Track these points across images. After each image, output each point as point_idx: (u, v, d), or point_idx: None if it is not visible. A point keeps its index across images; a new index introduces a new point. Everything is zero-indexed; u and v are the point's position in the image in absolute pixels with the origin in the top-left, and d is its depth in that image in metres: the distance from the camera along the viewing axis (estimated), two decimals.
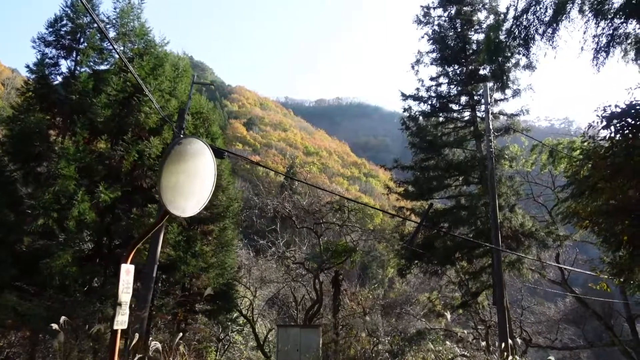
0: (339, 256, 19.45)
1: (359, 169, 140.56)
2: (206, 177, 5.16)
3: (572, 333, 30.95)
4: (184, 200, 4.79)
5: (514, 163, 22.00)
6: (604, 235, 10.32)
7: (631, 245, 9.61)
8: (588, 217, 9.53)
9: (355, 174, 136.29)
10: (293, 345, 16.78)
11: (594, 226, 9.69)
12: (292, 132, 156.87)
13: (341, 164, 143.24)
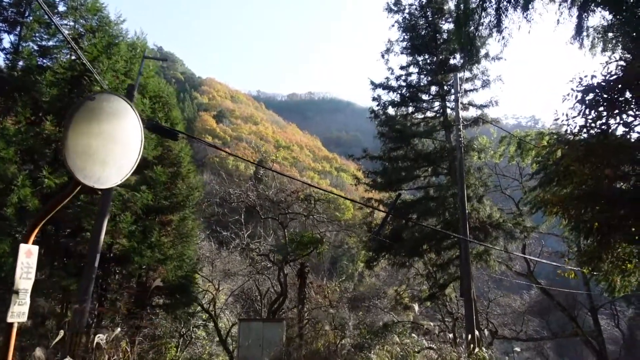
0: (305, 248, 18.79)
1: (330, 164, 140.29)
2: (130, 144, 4.26)
3: (537, 324, 31.42)
4: (100, 169, 3.90)
5: (482, 154, 21.84)
6: (573, 222, 10.01)
7: (601, 233, 9.31)
8: (558, 203, 9.16)
9: (327, 168, 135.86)
10: (255, 340, 16.09)
11: (564, 213, 9.34)
12: (264, 125, 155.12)
13: (312, 158, 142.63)
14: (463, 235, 16.22)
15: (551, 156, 11.10)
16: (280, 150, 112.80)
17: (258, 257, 20.71)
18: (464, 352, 13.79)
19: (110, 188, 10.44)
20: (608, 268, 11.17)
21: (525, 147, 21.56)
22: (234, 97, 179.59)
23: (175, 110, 18.48)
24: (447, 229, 18.59)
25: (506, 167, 25.74)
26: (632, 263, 9.79)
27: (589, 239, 10.07)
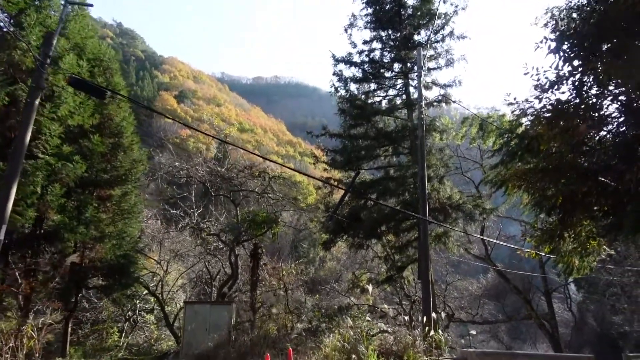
0: (259, 228, 17.75)
1: (294, 148, 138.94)
2: None
3: (492, 308, 31.78)
4: None
5: (444, 135, 21.31)
6: (536, 197, 9.42)
7: (564, 209, 8.75)
8: (522, 177, 8.52)
9: (290, 152, 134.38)
10: (201, 324, 15.03)
11: (527, 187, 8.71)
12: (227, 107, 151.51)
13: (276, 142, 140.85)
14: (422, 215, 15.61)
15: (515, 129, 10.49)
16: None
17: (209, 237, 19.53)
18: (419, 335, 13.27)
19: (22, 147, 9.05)
20: (568, 248, 10.75)
21: (487, 129, 21.19)
22: (196, 78, 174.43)
23: (118, 76, 16.91)
24: (406, 210, 18.00)
25: (467, 149, 25.47)
26: (595, 240, 9.32)
27: (551, 215, 9.55)
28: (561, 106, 6.78)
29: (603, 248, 12.25)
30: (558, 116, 6.81)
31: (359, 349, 11.18)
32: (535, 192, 8.74)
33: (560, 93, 6.98)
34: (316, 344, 11.90)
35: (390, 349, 12.44)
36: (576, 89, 6.64)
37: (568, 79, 6.75)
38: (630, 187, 6.90)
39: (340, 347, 11.32)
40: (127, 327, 20.82)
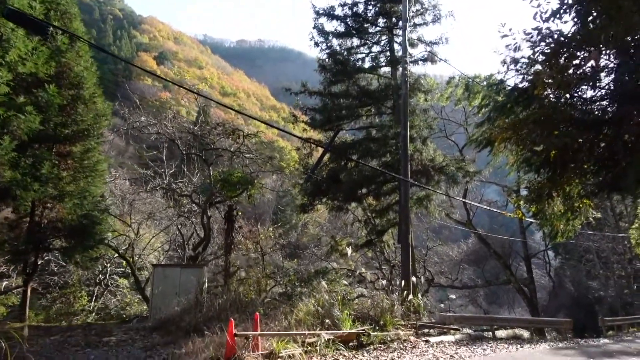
0: (233, 188, 16.88)
1: (278, 113, 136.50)
2: None
3: (472, 273, 31.89)
4: None
5: (429, 96, 20.52)
6: (525, 154, 8.73)
7: (555, 165, 8.06)
8: (511, 128, 7.77)
9: (274, 117, 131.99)
10: (171, 288, 14.34)
11: (517, 141, 7.99)
12: (209, 70, 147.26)
13: (260, 107, 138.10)
14: (403, 176, 14.93)
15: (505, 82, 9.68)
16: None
17: (181, 199, 18.66)
18: (397, 299, 12.84)
19: None
20: (555, 210, 10.19)
21: (473, 90, 20.46)
22: (177, 39, 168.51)
23: (77, 21, 15.46)
24: (387, 171, 17.33)
25: (452, 111, 24.75)
26: (588, 199, 8.72)
27: (540, 174, 8.88)
28: (563, 38, 5.97)
29: (590, 211, 11.80)
30: (558, 52, 6.01)
31: (333, 313, 10.65)
32: (524, 147, 8.04)
33: (562, 23, 6.16)
34: (290, 309, 11.29)
35: (367, 313, 11.98)
36: (581, 20, 5.83)
37: (572, 7, 5.91)
38: (632, 139, 6.19)
39: (314, 312, 10.77)
40: (98, 291, 20.06)
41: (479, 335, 14.84)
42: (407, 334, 11.69)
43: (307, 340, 8.84)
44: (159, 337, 10.35)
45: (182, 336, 9.67)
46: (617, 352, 12.78)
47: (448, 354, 10.07)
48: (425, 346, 10.93)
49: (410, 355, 9.51)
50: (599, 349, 13.30)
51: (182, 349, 8.60)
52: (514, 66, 7.51)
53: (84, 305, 18.14)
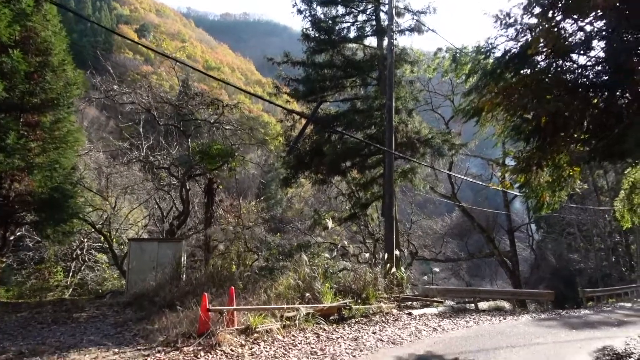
0: (213, 161, 16.30)
1: (263, 88, 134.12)
2: None
3: (455, 246, 32.03)
4: None
5: (415, 68, 19.98)
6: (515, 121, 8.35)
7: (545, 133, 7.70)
8: (502, 92, 7.36)
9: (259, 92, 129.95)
10: (149, 262, 13.88)
11: (507, 106, 7.58)
12: (192, 44, 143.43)
13: (244, 81, 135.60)
14: (388, 147, 14.54)
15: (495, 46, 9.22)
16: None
17: (159, 172, 18.04)
18: (380, 272, 12.63)
19: None
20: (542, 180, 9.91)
21: (460, 61, 19.93)
22: (159, 11, 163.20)
23: None
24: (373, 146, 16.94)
25: (439, 83, 24.29)
26: (579, 166, 8.42)
27: (529, 142, 8.52)
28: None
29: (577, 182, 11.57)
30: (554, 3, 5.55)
31: (314, 286, 10.37)
32: (515, 113, 7.64)
33: None
34: (270, 283, 10.98)
35: (349, 286, 11.75)
36: None
37: None
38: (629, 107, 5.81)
39: (294, 285, 10.48)
40: (75, 266, 19.52)
41: (461, 307, 14.79)
42: (389, 307, 11.52)
43: (286, 315, 8.54)
44: (132, 313, 9.96)
45: (156, 312, 9.29)
46: (599, 322, 12.81)
47: (431, 327, 9.90)
48: (408, 319, 10.76)
49: (392, 329, 9.30)
50: (581, 319, 13.33)
51: (154, 325, 8.23)
52: (507, 20, 7.03)
53: (60, 281, 17.62)
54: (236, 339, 7.04)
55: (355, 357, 6.71)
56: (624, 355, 8.25)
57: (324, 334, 8.25)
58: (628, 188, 14.24)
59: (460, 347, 7.77)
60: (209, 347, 6.61)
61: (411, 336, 8.62)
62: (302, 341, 7.55)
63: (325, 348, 7.16)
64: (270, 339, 7.42)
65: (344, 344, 7.52)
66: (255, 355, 6.48)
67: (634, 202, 14.19)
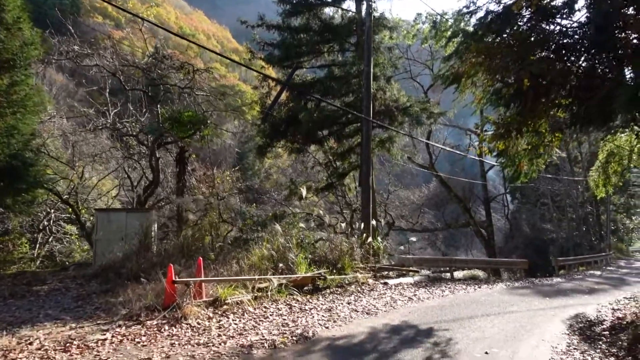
0: (184, 129, 15.62)
1: (240, 56, 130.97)
2: None
3: (432, 216, 32.24)
4: None
5: (394, 34, 19.43)
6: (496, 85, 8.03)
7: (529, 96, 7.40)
8: (483, 52, 6.98)
9: None
10: (117, 233, 13.34)
11: (488, 68, 7.23)
12: (165, 9, 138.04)
13: (220, 49, 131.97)
14: (365, 115, 14.13)
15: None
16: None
17: (129, 140, 17.27)
18: (356, 242, 12.42)
19: None
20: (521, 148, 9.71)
21: (441, 27, 19.44)
22: None
23: None
24: (351, 113, 16.49)
25: (417, 51, 23.80)
26: (560, 132, 8.20)
27: (510, 107, 8.23)
28: None
29: (555, 150, 11.44)
30: None
31: (288, 257, 10.08)
32: (495, 75, 7.31)
33: None
34: (243, 253, 10.65)
35: (325, 257, 11.51)
36: None
37: None
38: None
39: (268, 256, 10.16)
40: (42, 238, 18.78)
41: (437, 276, 14.80)
42: (365, 277, 11.36)
43: (258, 286, 8.23)
44: (97, 285, 9.50)
45: (121, 284, 8.87)
46: (571, 290, 12.98)
47: (406, 296, 9.77)
48: (384, 288, 10.62)
49: (367, 299, 9.12)
50: (553, 287, 13.49)
51: (119, 298, 7.83)
52: None
53: (25, 253, 16.92)
54: (204, 312, 6.71)
55: (328, 329, 6.47)
56: (596, 322, 8.28)
57: (297, 305, 7.99)
58: (604, 158, 14.26)
59: (436, 317, 7.64)
60: (174, 320, 6.27)
61: (386, 306, 8.46)
62: (274, 313, 7.28)
63: (297, 319, 6.90)
64: (241, 311, 7.11)
65: (317, 315, 7.28)
66: (223, 328, 6.17)
67: (609, 171, 14.25)
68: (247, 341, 5.60)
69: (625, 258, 34.18)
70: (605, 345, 6.42)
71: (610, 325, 7.89)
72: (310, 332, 6.14)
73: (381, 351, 5.44)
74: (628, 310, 9.35)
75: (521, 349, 5.86)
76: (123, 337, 5.54)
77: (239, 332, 6.01)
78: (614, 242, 35.69)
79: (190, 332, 5.89)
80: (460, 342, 5.97)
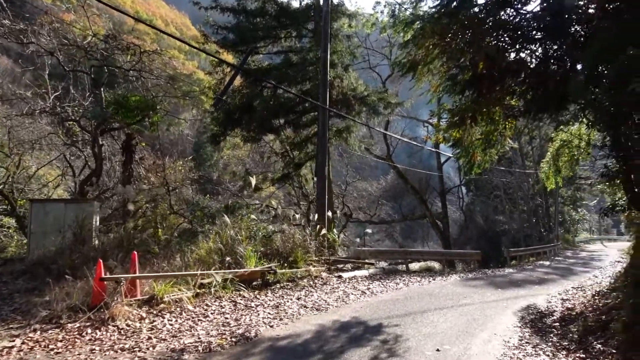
0: (131, 114, 14.64)
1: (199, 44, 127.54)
2: None
3: (390, 208, 32.38)
4: None
5: (353, 22, 19.11)
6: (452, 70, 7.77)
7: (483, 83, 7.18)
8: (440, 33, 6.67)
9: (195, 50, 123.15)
10: (54, 226, 12.33)
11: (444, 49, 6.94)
12: None
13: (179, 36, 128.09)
14: (322, 102, 13.69)
15: None
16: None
17: (72, 126, 16.06)
18: (310, 234, 12.01)
19: None
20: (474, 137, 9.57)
21: (399, 16, 19.26)
22: None
23: None
24: (307, 102, 16.01)
25: (377, 41, 23.58)
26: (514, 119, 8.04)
27: (465, 95, 8.00)
28: None
29: (508, 140, 11.41)
30: None
31: (237, 250, 9.54)
32: (452, 57, 7.02)
33: None
34: (189, 247, 10.03)
35: (277, 249, 11.04)
36: None
37: None
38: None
39: (216, 249, 9.58)
40: None
41: (393, 268, 14.66)
42: (319, 270, 10.98)
43: (201, 282, 7.66)
44: (23, 283, 8.63)
45: (50, 281, 8.05)
46: (522, 281, 13.12)
47: (360, 290, 9.47)
48: (337, 282, 10.28)
49: (319, 293, 8.74)
50: (505, 278, 13.61)
51: (45, 297, 7.06)
52: None
53: None
54: (136, 312, 6.10)
55: (273, 327, 6.03)
56: (546, 313, 8.25)
57: (243, 301, 7.50)
58: (554, 150, 14.46)
59: (388, 311, 7.34)
60: (99, 322, 5.64)
61: (338, 301, 8.10)
62: (216, 311, 6.76)
63: (241, 318, 6.42)
64: (179, 310, 6.55)
65: (263, 313, 6.82)
66: (155, 330, 5.60)
67: (559, 163, 14.46)
68: (179, 344, 5.06)
69: (572, 248, 35.53)
70: (557, 338, 6.31)
71: (560, 316, 7.86)
72: (252, 332, 5.68)
73: (326, 352, 5.05)
74: (577, 301, 9.43)
75: (473, 344, 5.63)
76: (35, 344, 4.88)
77: (173, 334, 5.46)
78: (562, 233, 37.05)
79: (117, 335, 5.29)
80: (411, 339, 5.68)
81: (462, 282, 11.96)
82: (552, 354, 5.49)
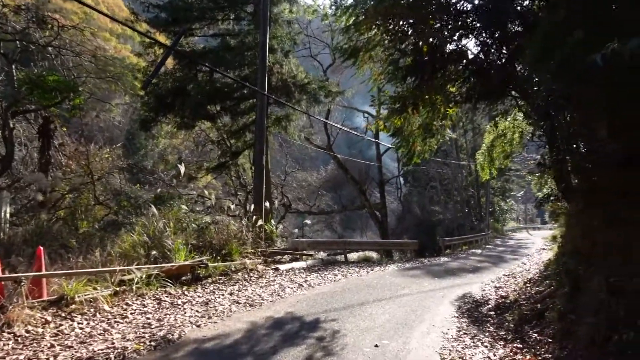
0: (48, 96, 13.23)
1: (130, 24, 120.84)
2: None
3: (329, 199, 32.32)
4: None
5: (294, 7, 18.64)
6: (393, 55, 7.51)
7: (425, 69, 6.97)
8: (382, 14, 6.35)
9: (128, 32, 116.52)
10: None
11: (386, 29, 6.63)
12: None
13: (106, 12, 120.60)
14: (260, 88, 13.08)
15: None
16: None
17: None
18: (246, 225, 11.46)
19: None
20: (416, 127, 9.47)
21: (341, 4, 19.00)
22: None
23: None
24: (245, 87, 15.33)
25: (318, 29, 23.20)
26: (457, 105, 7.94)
27: (407, 81, 7.78)
28: None
29: (448, 130, 11.47)
30: None
31: (165, 243, 8.81)
32: (394, 43, 6.74)
33: None
34: (111, 240, 9.18)
35: (209, 242, 10.40)
36: None
37: None
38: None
39: (142, 242, 8.80)
40: None
41: (332, 259, 14.44)
42: (254, 263, 10.46)
43: (121, 278, 6.92)
44: None
45: None
46: (457, 269, 13.37)
47: (297, 283, 9.09)
48: (274, 275, 9.84)
49: (253, 287, 8.26)
50: (441, 267, 13.81)
51: None
52: None
53: None
54: (39, 315, 5.32)
55: (200, 327, 5.49)
56: (482, 302, 8.32)
57: (169, 299, 6.87)
58: (489, 141, 14.85)
59: (325, 305, 7.02)
60: None
61: (273, 295, 7.67)
62: (137, 310, 6.09)
63: (164, 318, 5.81)
64: (93, 311, 5.82)
65: (191, 311, 6.25)
66: (60, 336, 4.88)
67: (493, 155, 14.87)
68: (87, 352, 4.41)
69: (501, 237, 37.38)
70: (493, 327, 6.27)
71: (495, 304, 7.93)
72: (175, 334, 5.11)
73: (257, 353, 4.61)
74: (509, 288, 9.65)
75: (413, 338, 5.42)
76: None
77: (82, 340, 4.78)
78: (492, 223, 38.87)
79: (12, 344, 4.53)
80: (349, 334, 5.37)
81: (400, 272, 11.93)
82: (490, 345, 5.41)
